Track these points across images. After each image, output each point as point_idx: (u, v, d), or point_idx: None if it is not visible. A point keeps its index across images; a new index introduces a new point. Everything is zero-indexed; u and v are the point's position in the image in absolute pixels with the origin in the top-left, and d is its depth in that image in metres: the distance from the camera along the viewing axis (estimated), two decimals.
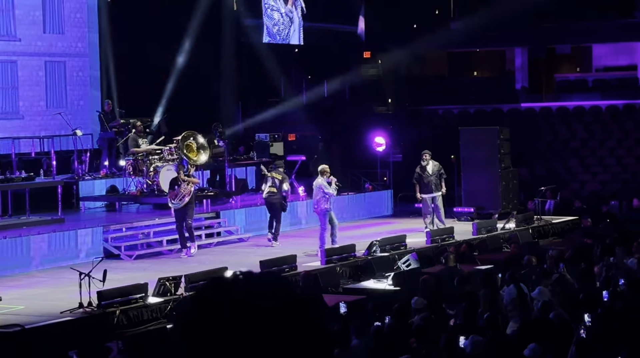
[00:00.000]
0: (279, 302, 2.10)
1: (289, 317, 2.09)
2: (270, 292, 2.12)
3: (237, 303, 2.09)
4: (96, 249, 20.27)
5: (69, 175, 24.00)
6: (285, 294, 2.12)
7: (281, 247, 21.43)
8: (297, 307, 2.12)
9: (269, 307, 2.08)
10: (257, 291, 2.11)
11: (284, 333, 2.07)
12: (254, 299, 2.09)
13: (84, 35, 27.23)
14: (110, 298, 15.26)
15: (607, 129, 34.71)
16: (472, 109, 36.45)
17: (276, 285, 2.14)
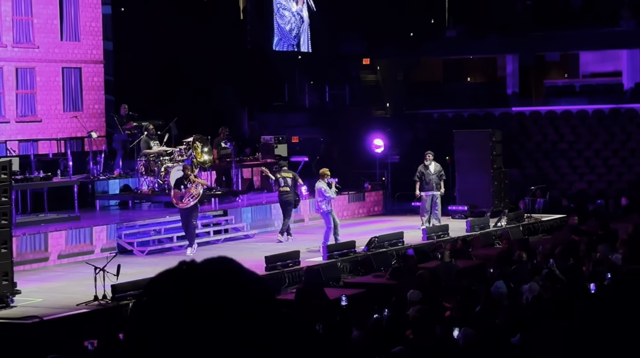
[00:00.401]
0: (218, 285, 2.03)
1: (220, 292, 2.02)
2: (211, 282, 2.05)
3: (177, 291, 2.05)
4: (110, 245, 20.27)
5: (85, 175, 23.99)
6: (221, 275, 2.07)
7: (290, 242, 21.50)
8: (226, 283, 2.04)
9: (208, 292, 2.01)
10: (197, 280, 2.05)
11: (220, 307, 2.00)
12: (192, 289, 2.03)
13: (99, 42, 27.23)
14: (123, 292, 15.24)
15: (593, 132, 34.70)
16: (466, 113, 36.44)
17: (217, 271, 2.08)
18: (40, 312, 14.61)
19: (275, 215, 24.49)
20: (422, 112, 36.92)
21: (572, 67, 39.35)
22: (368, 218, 26.30)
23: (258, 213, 24.06)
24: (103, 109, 27.32)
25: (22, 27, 25.57)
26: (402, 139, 34.25)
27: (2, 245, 15.26)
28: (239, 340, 1.97)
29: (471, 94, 38.55)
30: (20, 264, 18.28)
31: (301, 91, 36.92)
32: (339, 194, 22.88)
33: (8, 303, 15.21)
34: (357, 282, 18.19)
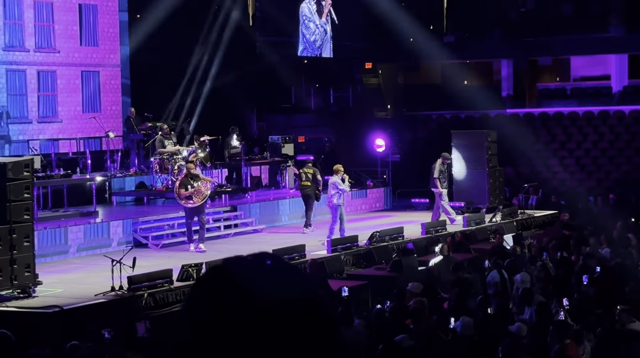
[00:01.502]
0: (284, 297, 1.71)
1: (294, 314, 1.70)
2: (275, 285, 1.73)
3: (237, 297, 1.70)
4: (126, 239, 20.28)
5: (102, 173, 24.02)
6: (293, 289, 1.74)
7: (312, 232, 21.89)
8: (304, 304, 1.73)
9: (272, 303, 1.69)
10: (261, 283, 1.73)
11: (289, 329, 1.69)
12: (255, 293, 1.70)
13: (116, 47, 27.24)
14: (139, 283, 15.26)
15: (583, 133, 34.65)
16: (463, 115, 36.40)
17: (285, 277, 1.77)
18: (60, 301, 14.62)
19: (282, 210, 24.51)
20: (422, 113, 36.88)
21: (563, 71, 39.29)
22: (370, 214, 26.29)
23: (266, 209, 24.06)
24: (120, 110, 27.33)
25: (43, 33, 25.58)
26: (402, 139, 34.23)
27: (24, 239, 15.27)
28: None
29: (468, 96, 38.46)
30: (42, 257, 18.30)
31: (307, 94, 36.90)
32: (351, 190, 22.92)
33: (30, 293, 15.23)
34: (360, 274, 18.19)
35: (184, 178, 19.58)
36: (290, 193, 25.69)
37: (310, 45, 33.18)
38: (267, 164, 27.08)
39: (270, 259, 1.80)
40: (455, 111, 36.64)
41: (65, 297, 15.10)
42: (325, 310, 1.74)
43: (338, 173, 20.73)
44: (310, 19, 33.11)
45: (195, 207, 19.59)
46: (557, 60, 38.61)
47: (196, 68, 29.31)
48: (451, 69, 40.38)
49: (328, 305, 1.75)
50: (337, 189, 20.60)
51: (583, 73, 38.48)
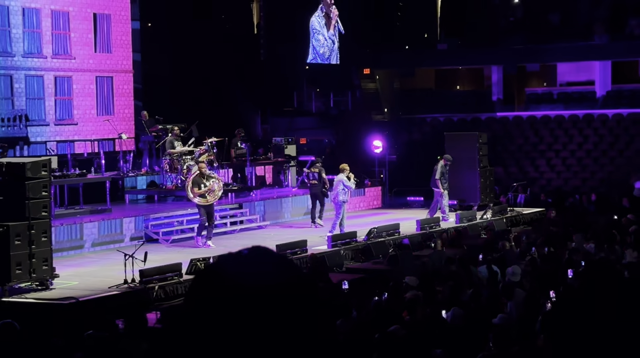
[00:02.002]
0: (279, 279, 1.78)
1: (287, 293, 1.77)
2: (271, 270, 1.80)
3: (237, 279, 1.76)
4: (138, 234, 20.28)
5: (116, 172, 24.01)
6: (285, 272, 1.81)
7: (319, 227, 22.22)
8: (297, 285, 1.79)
9: (268, 285, 1.75)
10: (258, 268, 1.80)
11: (285, 307, 1.74)
12: (253, 275, 1.77)
13: (128, 54, 27.24)
14: (150, 276, 15.27)
15: (569, 135, 34.65)
16: (456, 118, 36.40)
17: (277, 264, 1.83)
18: (76, 293, 14.64)
19: (285, 208, 24.52)
20: (417, 116, 36.89)
21: (550, 76, 39.29)
22: (368, 211, 26.28)
23: (270, 206, 24.07)
24: (132, 114, 27.33)
25: (60, 40, 25.59)
26: (398, 140, 34.23)
27: (42, 234, 15.28)
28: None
29: (460, 100, 38.51)
30: (59, 251, 18.31)
31: (308, 98, 36.90)
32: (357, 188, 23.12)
33: (48, 285, 15.25)
34: (358, 268, 18.19)
35: (197, 177, 19.60)
36: (292, 192, 25.70)
37: (320, 56, 33.23)
38: (271, 164, 27.08)
39: (252, 251, 1.86)
40: (449, 114, 36.65)
41: (80, 289, 15.11)
42: (306, 287, 1.80)
43: (344, 171, 20.79)
44: (319, 32, 33.15)
45: (208, 205, 19.56)
46: (545, 66, 38.61)
47: (204, 74, 29.29)
48: (444, 74, 40.39)
49: (310, 285, 1.80)
50: (343, 186, 20.70)
51: (569, 78, 38.49)
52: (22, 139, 24.48)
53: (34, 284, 15.22)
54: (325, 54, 33.31)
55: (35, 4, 24.92)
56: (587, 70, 37.59)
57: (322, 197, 22.92)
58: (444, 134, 27.57)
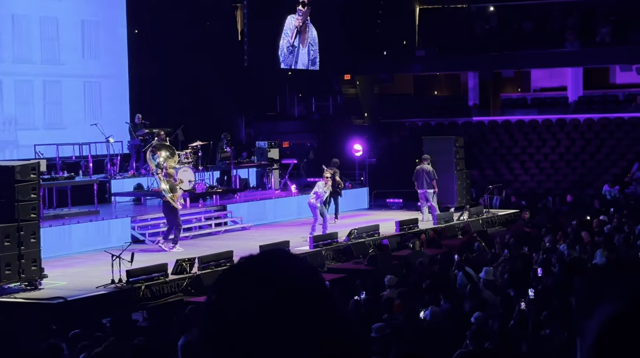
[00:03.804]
0: (305, 282, 1.82)
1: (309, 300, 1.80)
2: (296, 273, 1.83)
3: (259, 278, 1.79)
4: (125, 235, 20.19)
5: (103, 175, 23.92)
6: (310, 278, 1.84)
7: (335, 223, 22.80)
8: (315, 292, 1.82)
9: (291, 287, 1.79)
10: (279, 270, 1.82)
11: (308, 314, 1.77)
12: (276, 278, 1.79)
13: (116, 60, 27.13)
14: (136, 276, 15.22)
15: (542, 138, 34.81)
16: (433, 122, 36.49)
17: (302, 268, 1.85)
18: (64, 293, 14.57)
19: (268, 209, 24.48)
20: (396, 121, 36.95)
21: (524, 82, 39.46)
22: (349, 213, 26.27)
23: (253, 208, 24.04)
24: (119, 118, 27.19)
25: (50, 47, 25.45)
26: (378, 144, 34.27)
27: (31, 236, 15.21)
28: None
29: (438, 105, 38.61)
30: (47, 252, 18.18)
31: (291, 103, 36.89)
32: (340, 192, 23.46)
33: (37, 286, 15.16)
34: (339, 268, 18.19)
35: (171, 181, 19.25)
36: (275, 194, 25.68)
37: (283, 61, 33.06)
38: (255, 167, 27.05)
39: (276, 252, 1.90)
40: (426, 119, 36.73)
41: (68, 289, 15.03)
42: (324, 284, 1.88)
43: (323, 177, 20.82)
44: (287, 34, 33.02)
45: (177, 209, 19.29)
46: (519, 72, 38.78)
47: (190, 79, 29.21)
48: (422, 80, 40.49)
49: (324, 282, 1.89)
50: (315, 193, 20.66)
51: (542, 84, 38.66)
52: (11, 143, 24.33)
53: (23, 284, 15.13)
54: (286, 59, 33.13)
55: (25, 11, 24.77)
56: (560, 77, 37.77)
57: (337, 196, 23.81)
58: (422, 138, 27.62)
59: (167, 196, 19.14)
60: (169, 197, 19.11)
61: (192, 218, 22.49)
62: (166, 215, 19.51)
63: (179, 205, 19.34)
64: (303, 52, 33.64)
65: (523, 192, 31.49)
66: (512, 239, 18.32)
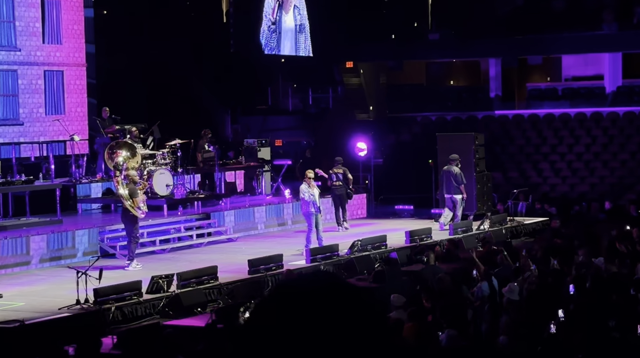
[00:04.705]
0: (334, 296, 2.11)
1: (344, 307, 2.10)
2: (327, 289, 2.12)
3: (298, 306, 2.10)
4: (92, 249, 20.20)
5: (67, 179, 23.92)
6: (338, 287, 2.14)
7: (344, 231, 23.72)
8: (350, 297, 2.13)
9: (326, 304, 2.08)
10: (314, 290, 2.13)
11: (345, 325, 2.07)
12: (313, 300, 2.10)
13: (81, 45, 27.15)
14: (105, 295, 15.22)
15: (575, 135, 34.84)
16: (449, 116, 36.53)
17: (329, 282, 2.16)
18: (21, 316, 14.55)
19: (258, 218, 24.49)
20: (405, 115, 36.99)
21: (554, 70, 39.50)
22: (351, 222, 26.28)
23: (241, 216, 24.06)
24: (85, 112, 27.23)
25: (3, 30, 25.47)
26: (385, 142, 34.28)
27: None
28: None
29: (454, 97, 38.63)
30: (2, 268, 18.21)
31: (284, 94, 36.92)
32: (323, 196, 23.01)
33: None
34: None
35: (133, 186, 18.93)
36: (266, 200, 25.70)
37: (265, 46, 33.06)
38: (242, 168, 27.07)
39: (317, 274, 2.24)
40: (441, 113, 36.77)
41: (27, 311, 15.03)
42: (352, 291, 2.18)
43: (305, 180, 20.74)
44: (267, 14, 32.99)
45: (137, 218, 19.04)
46: (548, 59, 38.81)
47: (167, 67, 29.24)
48: (436, 68, 40.52)
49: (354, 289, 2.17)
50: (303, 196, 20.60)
51: (575, 72, 38.70)
52: None
53: None
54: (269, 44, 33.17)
55: None
56: (596, 63, 37.82)
57: (346, 199, 24.56)
58: (435, 135, 27.66)
59: (125, 203, 18.77)
60: (127, 205, 18.73)
61: (170, 229, 22.51)
62: (125, 225, 19.24)
63: (140, 213, 19.01)
64: (287, 19, 33.51)
65: (553, 197, 31.52)
66: (540, 252, 18.33)
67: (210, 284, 16.87)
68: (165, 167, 22.88)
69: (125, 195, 18.81)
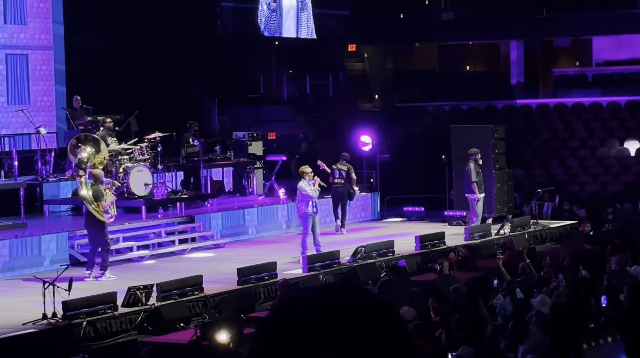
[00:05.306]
0: (353, 313, 2.15)
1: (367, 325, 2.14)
2: (342, 303, 2.16)
3: (311, 323, 2.13)
4: (61, 256, 20.17)
5: (32, 177, 23.90)
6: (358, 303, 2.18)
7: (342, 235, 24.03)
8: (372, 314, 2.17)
9: (343, 320, 2.13)
10: (329, 306, 2.16)
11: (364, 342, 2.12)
12: (327, 315, 2.14)
13: (48, 26, 27.12)
14: (76, 309, 15.20)
15: (607, 127, 34.83)
16: (465, 106, 36.53)
17: (348, 296, 2.19)
18: None
19: (249, 221, 24.49)
20: (415, 105, 36.99)
21: (584, 54, 39.50)
22: (354, 225, 26.27)
23: (230, 219, 24.05)
24: (53, 102, 27.21)
25: None
26: (392, 135, 34.28)
27: None
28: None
29: (470, 84, 38.64)
30: None
31: (278, 81, 36.91)
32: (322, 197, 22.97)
33: None
34: None
35: (97, 186, 18.66)
36: (258, 201, 25.69)
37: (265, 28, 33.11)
38: (231, 165, 27.06)
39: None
40: (456, 102, 36.76)
41: None
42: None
43: (305, 176, 20.66)
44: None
45: (104, 223, 18.73)
46: (577, 41, 38.81)
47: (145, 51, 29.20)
48: (451, 52, 40.50)
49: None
50: (302, 196, 20.52)
51: (607, 56, 38.70)
52: None
53: None
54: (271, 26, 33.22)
55: None
56: (630, 46, 37.83)
57: (346, 200, 24.85)
58: (450, 127, 27.65)
59: (89, 206, 18.50)
60: (91, 208, 18.46)
61: (149, 234, 22.51)
62: (89, 232, 19.05)
63: (108, 217, 18.79)
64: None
65: (582, 197, 31.50)
66: (568, 259, 18.33)
67: (195, 296, 16.85)
68: (143, 163, 22.85)
69: (88, 197, 18.52)
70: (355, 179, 25.09)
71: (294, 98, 36.80)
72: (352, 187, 24.85)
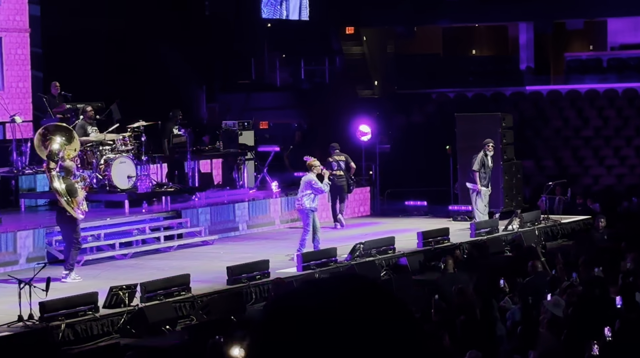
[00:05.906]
0: (351, 298, 2.23)
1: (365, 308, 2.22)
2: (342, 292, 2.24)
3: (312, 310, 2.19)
4: (38, 254, 20.17)
5: (7, 169, 23.89)
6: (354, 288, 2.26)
7: (340, 230, 24.31)
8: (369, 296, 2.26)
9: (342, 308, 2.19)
10: (330, 294, 2.23)
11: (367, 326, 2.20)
12: (327, 303, 2.20)
13: (23, 7, 27.09)
14: (54, 310, 15.19)
15: (623, 115, 34.86)
16: (470, 93, 36.55)
17: (344, 284, 2.28)
18: None
19: (240, 217, 24.50)
20: (418, 91, 37.00)
21: (598, 37, 39.52)
22: (352, 221, 26.32)
23: (218, 214, 24.06)
24: (29, 88, 27.18)
25: None
26: (393, 124, 34.30)
27: None
28: None
29: (477, 69, 38.68)
30: None
31: (271, 66, 36.91)
32: None
33: None
34: None
35: (69, 180, 18.54)
36: (249, 195, 25.70)
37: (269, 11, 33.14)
38: (220, 156, 27.05)
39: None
40: (461, 89, 36.79)
41: None
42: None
43: (313, 169, 20.66)
44: None
45: (76, 219, 18.54)
46: (590, 23, 38.84)
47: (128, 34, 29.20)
48: (455, 35, 40.52)
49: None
50: (312, 189, 20.51)
51: (623, 40, 38.73)
52: None
53: None
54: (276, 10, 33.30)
55: None
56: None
57: (346, 192, 25.24)
58: (454, 115, 27.67)
59: (61, 201, 18.32)
60: (63, 202, 18.28)
61: (132, 230, 22.50)
62: (61, 229, 18.94)
63: (79, 213, 18.58)
64: None
65: (597, 191, 31.56)
66: (582, 257, 18.36)
67: (182, 297, 16.86)
68: (126, 154, 22.84)
69: (62, 190, 18.34)
70: (354, 168, 25.42)
71: (288, 84, 36.81)
72: (352, 177, 25.20)
